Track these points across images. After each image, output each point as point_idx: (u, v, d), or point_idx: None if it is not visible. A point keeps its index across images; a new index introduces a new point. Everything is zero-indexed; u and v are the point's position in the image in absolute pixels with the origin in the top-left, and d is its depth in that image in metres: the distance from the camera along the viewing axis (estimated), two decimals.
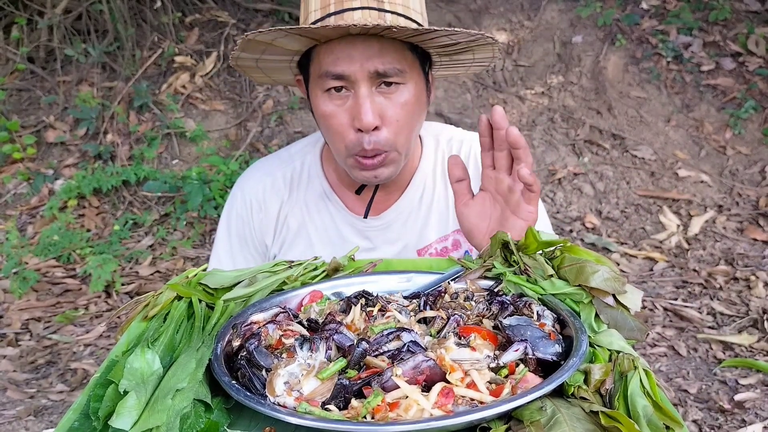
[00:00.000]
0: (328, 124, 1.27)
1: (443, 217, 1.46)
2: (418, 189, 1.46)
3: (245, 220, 1.49)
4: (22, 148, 3.73)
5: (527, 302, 0.89)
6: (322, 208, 1.47)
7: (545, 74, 4.11)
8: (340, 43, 1.19)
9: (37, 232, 3.44)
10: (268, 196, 1.47)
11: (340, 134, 1.26)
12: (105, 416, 0.71)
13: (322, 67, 1.22)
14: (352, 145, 1.25)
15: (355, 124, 1.22)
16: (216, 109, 3.94)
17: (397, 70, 1.21)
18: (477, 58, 1.36)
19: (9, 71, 4.04)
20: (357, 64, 1.19)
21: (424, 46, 1.27)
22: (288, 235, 1.48)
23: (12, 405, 2.49)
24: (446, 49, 1.29)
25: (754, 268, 3.06)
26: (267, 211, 1.48)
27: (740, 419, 2.26)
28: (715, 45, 4.17)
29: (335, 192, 1.47)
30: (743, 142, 3.85)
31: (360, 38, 1.19)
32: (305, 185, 1.48)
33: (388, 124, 1.24)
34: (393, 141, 1.26)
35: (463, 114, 3.90)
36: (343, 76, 1.20)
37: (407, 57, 1.24)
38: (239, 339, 0.84)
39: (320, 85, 1.24)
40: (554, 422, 0.67)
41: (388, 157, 1.28)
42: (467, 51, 1.31)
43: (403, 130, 1.27)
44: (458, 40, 1.22)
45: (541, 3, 4.40)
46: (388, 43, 1.20)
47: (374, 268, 1.10)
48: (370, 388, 0.72)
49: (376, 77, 1.21)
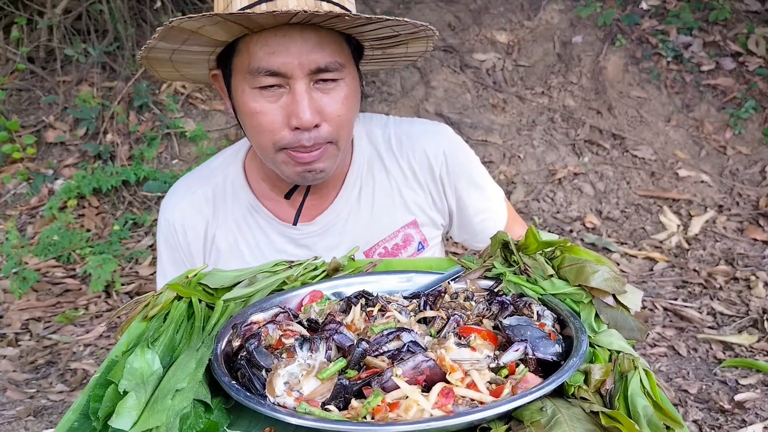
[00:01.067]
0: (257, 123, 1.16)
1: (389, 212, 1.36)
2: (355, 187, 1.36)
3: (173, 245, 1.38)
4: (22, 148, 3.73)
5: (527, 302, 0.88)
6: (252, 223, 1.35)
7: (545, 74, 4.11)
8: (276, 34, 1.08)
9: (36, 232, 3.44)
10: (189, 218, 1.35)
11: (269, 132, 1.16)
12: (105, 416, 0.71)
13: (252, 62, 1.11)
14: (286, 141, 1.16)
15: (292, 122, 1.13)
16: (216, 109, 3.94)
17: (338, 63, 1.13)
18: (409, 52, 1.30)
19: (9, 71, 4.04)
20: (295, 60, 1.09)
21: (360, 38, 1.19)
22: (219, 257, 1.37)
23: (12, 405, 2.49)
24: (383, 41, 1.22)
25: (754, 268, 3.06)
26: (193, 234, 1.36)
27: (740, 419, 2.26)
28: (715, 45, 4.17)
29: (262, 203, 1.35)
30: (743, 142, 3.85)
31: (297, 29, 1.09)
32: (231, 201, 1.36)
33: (329, 119, 1.15)
34: (335, 135, 1.17)
35: (463, 114, 3.90)
36: (280, 72, 1.10)
37: (344, 50, 1.16)
38: (239, 339, 0.84)
39: (249, 81, 1.13)
40: (554, 422, 0.67)
41: (326, 151, 1.18)
42: (402, 44, 1.24)
43: (344, 126, 1.19)
44: (401, 32, 1.15)
45: (541, 3, 4.40)
46: (326, 35, 1.11)
47: (374, 268, 1.10)
48: (370, 388, 0.72)
49: (315, 72, 1.12)
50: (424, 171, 1.37)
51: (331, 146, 1.19)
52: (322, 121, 1.14)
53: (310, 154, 1.17)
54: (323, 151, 1.18)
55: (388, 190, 1.36)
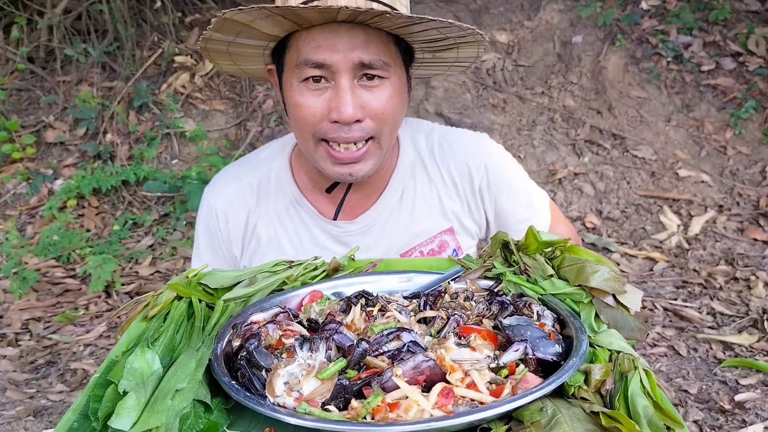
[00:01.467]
0: (300, 115, 1.18)
1: (428, 218, 1.38)
2: (397, 190, 1.38)
3: (213, 232, 1.40)
4: (22, 148, 3.73)
5: (527, 302, 0.88)
6: (294, 216, 1.37)
7: (545, 74, 4.11)
8: (323, 30, 1.11)
9: (36, 232, 3.44)
10: (234, 205, 1.38)
11: (310, 124, 1.17)
12: (104, 416, 0.71)
13: (300, 55, 1.14)
14: (323, 131, 1.17)
15: (332, 115, 1.14)
16: (216, 109, 3.94)
17: (382, 62, 1.14)
18: (460, 57, 1.29)
19: (9, 71, 4.04)
20: (340, 54, 1.11)
21: (409, 40, 1.20)
22: (258, 247, 1.39)
23: (12, 405, 2.49)
24: (432, 44, 1.22)
25: (754, 268, 3.06)
26: (234, 221, 1.38)
27: (741, 419, 2.26)
28: (715, 45, 4.17)
29: (306, 197, 1.37)
30: (743, 142, 3.85)
31: (345, 26, 1.11)
32: (274, 192, 1.38)
33: (372, 115, 1.16)
34: (378, 131, 1.18)
35: (463, 114, 3.90)
36: (324, 65, 1.12)
37: (392, 50, 1.17)
38: (239, 339, 0.84)
39: (297, 74, 1.16)
40: (555, 423, 0.66)
41: (369, 150, 1.19)
42: (453, 48, 1.24)
43: (387, 124, 1.19)
44: (448, 34, 1.16)
45: (541, 3, 4.40)
46: (374, 34, 1.13)
47: (374, 268, 1.10)
48: (370, 388, 0.72)
49: (359, 68, 1.13)
50: (464, 181, 1.39)
51: (374, 144, 1.21)
52: (364, 117, 1.16)
53: (350, 155, 1.18)
54: (366, 150, 1.19)
55: (428, 196, 1.39)
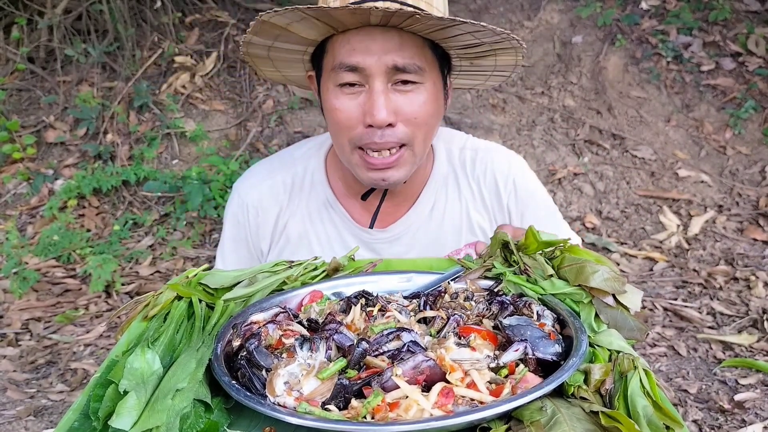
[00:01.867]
0: (335, 119, 1.18)
1: (456, 231, 1.38)
2: (429, 201, 1.38)
3: (241, 224, 1.41)
4: (22, 148, 3.73)
5: (527, 302, 0.89)
6: (326, 218, 1.38)
7: (545, 74, 4.11)
8: (358, 33, 1.11)
9: (37, 232, 3.44)
10: (266, 201, 1.39)
11: (346, 128, 1.17)
12: (105, 416, 0.71)
13: (336, 59, 1.14)
14: (358, 137, 1.16)
15: (366, 119, 1.14)
16: (216, 109, 3.94)
17: (417, 66, 1.13)
18: (499, 65, 1.27)
19: (9, 71, 4.04)
20: (374, 57, 1.11)
21: (445, 46, 1.19)
22: (287, 245, 1.40)
23: (12, 405, 2.49)
24: (468, 51, 1.20)
25: (754, 268, 3.06)
26: (264, 217, 1.39)
27: (740, 419, 2.26)
28: (715, 45, 4.17)
29: (340, 201, 1.37)
30: (743, 142, 3.85)
31: (379, 30, 1.11)
32: (308, 192, 1.39)
33: (404, 120, 1.16)
34: (411, 137, 1.17)
35: (463, 114, 3.90)
36: (358, 68, 1.12)
37: (427, 55, 1.16)
38: (239, 339, 0.84)
39: (333, 78, 1.16)
40: (554, 422, 0.67)
41: (402, 156, 1.18)
42: (490, 55, 1.22)
43: (420, 129, 1.18)
44: (482, 39, 1.13)
45: (541, 3, 4.40)
46: (409, 38, 1.12)
47: (374, 268, 1.10)
48: (370, 388, 0.72)
49: (393, 72, 1.13)
50: (492, 196, 1.39)
51: (407, 151, 1.20)
52: (397, 121, 1.15)
53: (383, 160, 1.18)
54: (399, 157, 1.19)
55: (458, 209, 1.39)
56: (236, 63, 4.06)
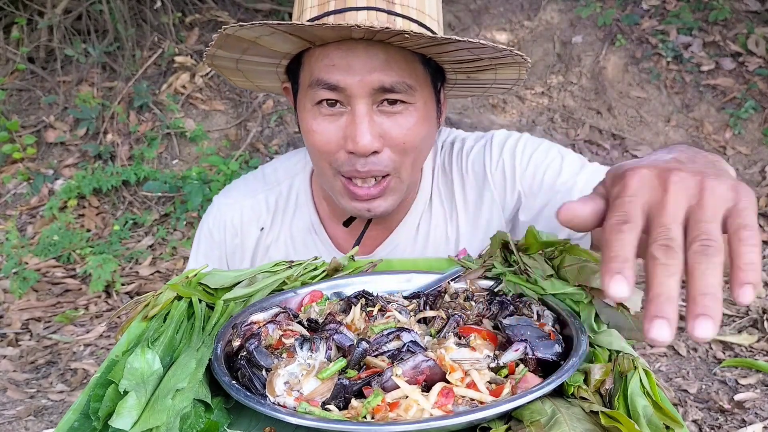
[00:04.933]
0: (312, 141, 1.05)
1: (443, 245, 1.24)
2: (414, 221, 1.24)
3: (216, 242, 1.30)
4: (22, 148, 3.73)
5: (527, 302, 0.88)
6: (309, 243, 1.27)
7: (545, 74, 4.11)
8: (339, 48, 0.98)
9: (37, 232, 3.44)
10: (246, 221, 1.28)
11: (325, 153, 1.05)
12: (105, 416, 0.71)
13: (313, 75, 1.01)
14: (340, 163, 1.04)
15: (348, 146, 1.01)
16: (216, 109, 3.94)
17: (406, 85, 1.00)
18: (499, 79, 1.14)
19: (9, 71, 4.04)
20: (356, 77, 0.98)
21: (438, 61, 1.06)
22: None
23: (12, 405, 2.49)
24: (464, 65, 1.07)
25: None
26: (243, 238, 1.28)
27: (740, 419, 2.26)
28: (715, 45, 4.17)
29: (324, 226, 1.26)
30: (743, 142, 3.85)
31: (362, 45, 0.97)
32: (291, 214, 1.27)
33: (391, 146, 1.03)
34: (398, 164, 1.05)
35: (463, 114, 3.90)
36: (338, 87, 0.99)
37: (418, 71, 1.02)
38: (239, 339, 0.84)
39: (310, 96, 1.03)
40: (554, 422, 0.67)
41: (389, 186, 1.07)
42: (489, 69, 1.09)
43: (408, 156, 1.05)
44: (481, 55, 1.00)
45: (541, 3, 4.40)
46: (396, 54, 0.99)
47: (374, 268, 1.10)
48: (370, 388, 0.72)
49: (379, 93, 1.00)
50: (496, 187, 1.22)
51: (393, 179, 1.07)
52: (383, 147, 1.02)
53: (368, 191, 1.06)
54: (384, 187, 1.06)
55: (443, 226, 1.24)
56: None
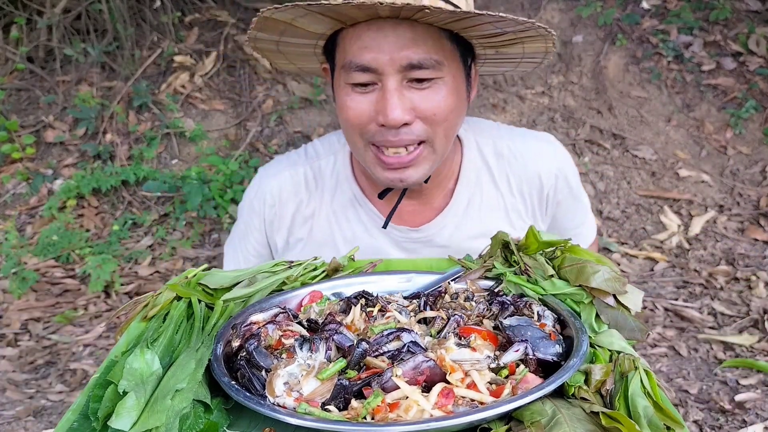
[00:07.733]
0: (346, 117, 1.12)
1: (495, 228, 1.21)
2: (463, 200, 1.30)
3: (256, 211, 1.35)
4: (21, 148, 3.73)
5: (527, 302, 0.88)
6: (352, 217, 1.30)
7: (545, 74, 4.11)
8: (369, 28, 1.04)
9: (36, 232, 3.44)
10: (285, 193, 1.32)
11: (357, 126, 1.11)
12: (104, 417, 0.71)
13: (346, 56, 1.08)
14: (372, 134, 1.10)
15: (379, 119, 1.07)
16: (215, 109, 3.94)
17: (434, 60, 1.05)
18: (527, 53, 1.18)
19: (8, 71, 4.04)
20: (386, 56, 1.04)
21: (465, 36, 1.10)
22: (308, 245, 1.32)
23: (11, 405, 2.48)
24: (491, 40, 1.11)
25: (754, 268, 3.06)
26: (281, 210, 1.33)
27: (741, 419, 2.26)
28: (715, 45, 4.16)
29: (368, 198, 1.30)
30: (744, 141, 3.85)
31: (390, 23, 1.03)
32: (331, 189, 1.31)
33: (422, 118, 1.08)
34: (430, 134, 1.10)
35: None
36: (370, 68, 1.05)
37: (445, 47, 1.07)
38: (239, 339, 0.84)
39: (344, 76, 1.10)
40: (555, 423, 0.66)
41: (421, 154, 1.11)
42: (516, 43, 1.12)
43: (440, 126, 1.10)
44: (504, 29, 1.04)
45: (541, 2, 4.40)
46: (423, 30, 1.04)
47: (374, 268, 1.09)
48: (370, 388, 0.72)
49: (408, 69, 1.05)
50: (533, 191, 1.33)
51: (426, 148, 1.13)
52: (414, 119, 1.08)
53: (401, 158, 1.11)
54: (417, 155, 1.12)
55: (495, 205, 1.31)
56: (236, 63, 4.06)
